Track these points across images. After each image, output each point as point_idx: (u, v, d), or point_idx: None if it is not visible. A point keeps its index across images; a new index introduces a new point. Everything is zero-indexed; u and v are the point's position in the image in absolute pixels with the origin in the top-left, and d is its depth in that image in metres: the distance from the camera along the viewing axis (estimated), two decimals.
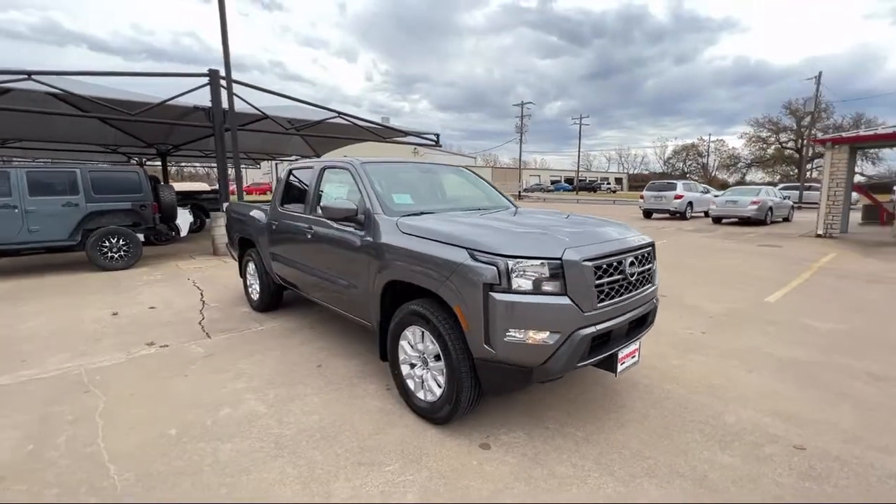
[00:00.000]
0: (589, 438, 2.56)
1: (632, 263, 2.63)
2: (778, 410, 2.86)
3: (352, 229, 3.31)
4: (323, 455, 2.41)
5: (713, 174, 67.51)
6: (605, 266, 2.45)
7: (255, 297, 5.17)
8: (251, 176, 45.00)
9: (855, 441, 2.52)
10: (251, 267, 5.18)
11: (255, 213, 4.96)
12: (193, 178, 52.89)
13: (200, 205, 13.75)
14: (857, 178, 23.20)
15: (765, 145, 52.43)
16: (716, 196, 17.54)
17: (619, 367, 2.58)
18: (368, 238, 3.11)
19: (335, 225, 3.51)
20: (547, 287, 2.28)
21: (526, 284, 2.27)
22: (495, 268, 2.27)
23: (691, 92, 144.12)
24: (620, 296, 2.54)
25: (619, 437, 2.57)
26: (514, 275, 2.26)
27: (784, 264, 8.09)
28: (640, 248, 2.76)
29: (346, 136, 12.78)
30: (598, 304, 2.39)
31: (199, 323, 4.80)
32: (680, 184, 18.82)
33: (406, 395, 2.88)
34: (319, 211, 3.79)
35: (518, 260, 2.28)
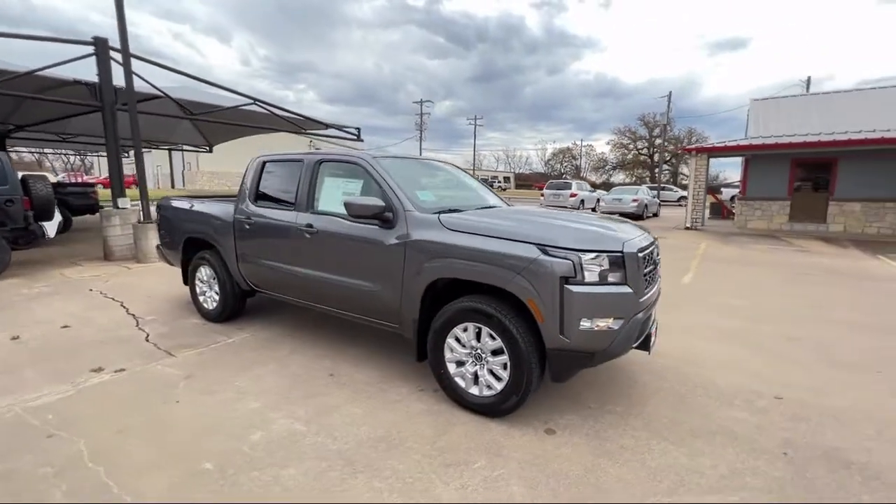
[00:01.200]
0: (629, 412, 2.86)
1: (658, 254, 2.99)
2: (749, 371, 3.51)
3: (376, 227, 3.15)
4: (403, 464, 2.31)
5: (584, 175, 76.77)
6: (645, 257, 2.75)
7: (212, 305, 4.53)
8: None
9: (808, 389, 3.24)
10: (204, 272, 4.53)
11: (214, 210, 4.35)
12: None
13: (65, 200, 11.33)
14: None
15: (626, 151, 61.10)
16: (604, 194, 20.03)
17: (651, 346, 2.93)
18: (400, 236, 3.00)
19: (347, 223, 3.30)
20: (612, 278, 2.49)
21: (595, 276, 2.45)
22: (570, 262, 2.42)
23: (562, 101, 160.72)
24: (653, 282, 2.88)
25: (652, 409, 2.92)
26: (586, 268, 2.43)
27: (676, 252, 9.66)
28: (655, 240, 3.15)
29: (258, 126, 11.63)
30: (643, 291, 2.69)
31: (147, 340, 4.06)
32: (574, 183, 21.08)
33: (456, 394, 2.86)
34: (322, 207, 3.53)
35: (589, 254, 2.45)
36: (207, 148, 17.37)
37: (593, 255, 2.46)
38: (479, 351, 2.76)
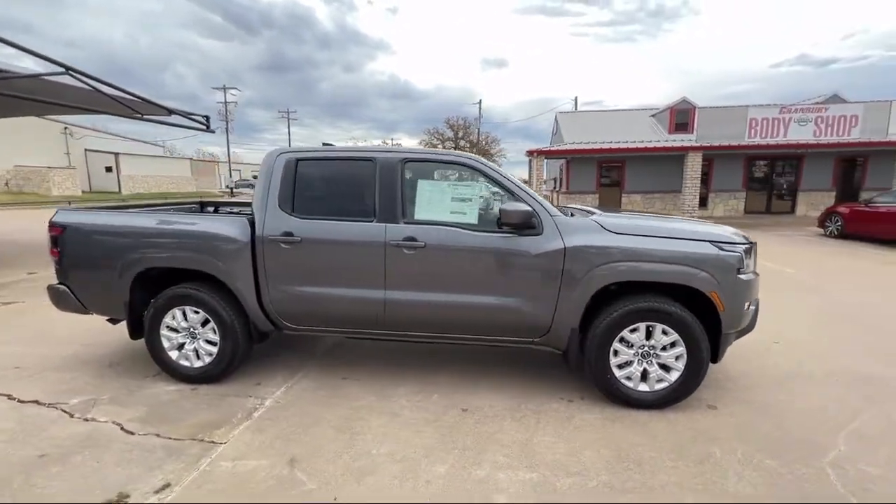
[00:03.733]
0: (752, 388, 3.37)
1: None
2: None
3: (511, 236, 2.85)
4: (668, 475, 2.25)
5: None
6: None
7: (199, 362, 3.21)
8: None
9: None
10: (181, 316, 3.17)
11: (211, 226, 3.09)
12: None
13: None
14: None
15: None
16: None
17: None
18: (554, 244, 2.81)
19: (470, 234, 2.89)
20: (752, 266, 2.94)
21: (748, 266, 2.86)
22: (738, 254, 2.75)
23: (360, 99, 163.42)
24: None
25: (764, 380, 3.54)
26: (744, 259, 2.81)
27: None
28: None
29: (69, 105, 8.19)
30: None
31: (126, 430, 2.64)
32: None
33: (622, 393, 2.87)
34: (423, 217, 2.97)
35: (745, 246, 2.84)
36: None
37: (746, 246, 2.85)
38: (647, 348, 2.85)
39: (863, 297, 5.82)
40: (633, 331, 2.82)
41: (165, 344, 3.22)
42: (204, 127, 10.57)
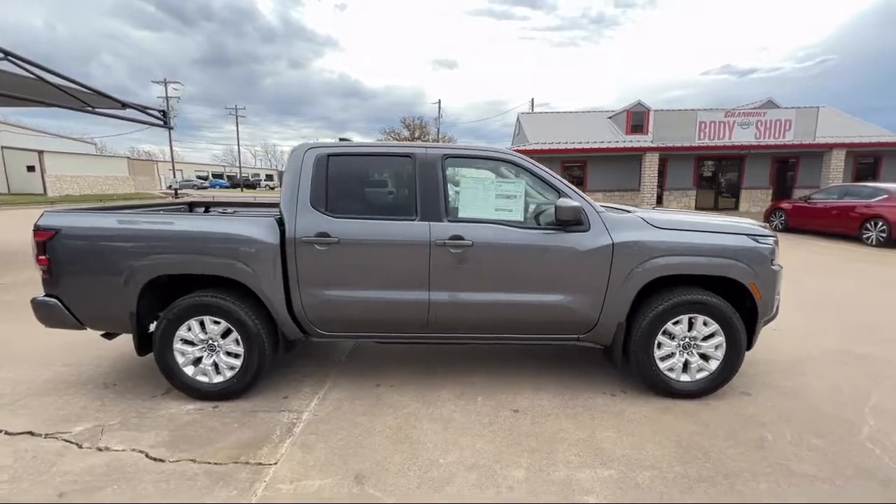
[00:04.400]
0: (772, 373, 3.54)
1: None
2: None
3: (558, 233, 2.84)
4: (745, 461, 2.32)
5: None
6: None
7: (220, 377, 2.94)
8: None
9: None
10: (198, 328, 2.87)
11: (234, 228, 2.83)
12: None
13: None
14: None
15: None
16: None
17: None
18: (602, 239, 2.82)
19: (518, 231, 2.85)
20: (778, 257, 3.10)
21: (777, 257, 3.01)
22: (772, 246, 2.90)
23: (308, 97, 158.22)
24: None
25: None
26: (776, 250, 2.96)
27: None
28: None
29: (8, 95, 7.19)
30: None
31: (153, 459, 2.35)
32: None
33: (666, 385, 2.92)
34: (468, 215, 2.88)
35: (775, 238, 2.99)
36: None
37: (775, 238, 3.00)
38: (689, 340, 2.93)
39: (832, 285, 6.36)
40: (675, 323, 2.89)
41: (179, 359, 2.90)
42: (161, 122, 9.81)
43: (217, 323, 2.87)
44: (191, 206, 4.43)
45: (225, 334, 2.90)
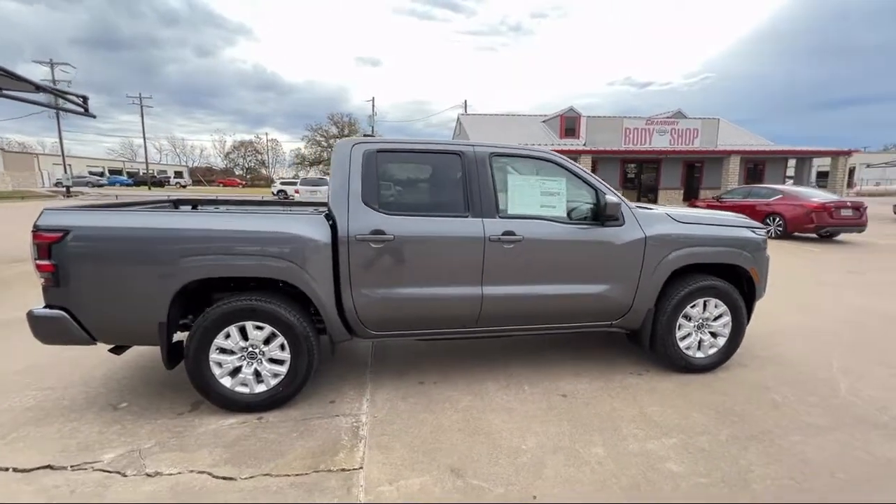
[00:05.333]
0: (754, 346, 4.08)
1: None
2: None
3: (596, 227, 3.06)
4: (773, 420, 2.70)
5: (273, 171, 74.58)
6: None
7: (263, 385, 2.75)
8: None
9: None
10: (238, 335, 2.67)
11: (280, 226, 2.66)
12: None
13: None
14: None
15: (320, 148, 63.36)
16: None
17: None
18: (635, 233, 3.10)
19: (562, 226, 3.03)
20: None
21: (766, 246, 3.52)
22: (764, 237, 3.39)
23: (218, 88, 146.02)
24: None
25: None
26: (767, 240, 3.46)
27: None
28: None
29: None
30: None
31: (217, 477, 2.17)
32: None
33: (685, 361, 3.28)
34: (516, 211, 3.00)
35: (765, 230, 3.49)
36: None
37: (766, 230, 3.51)
38: (702, 320, 3.32)
39: None
40: (693, 306, 3.26)
41: (216, 370, 2.67)
42: (81, 109, 8.63)
43: (260, 328, 2.68)
44: (175, 205, 4.01)
45: (267, 341, 2.72)
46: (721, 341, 3.36)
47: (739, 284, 3.37)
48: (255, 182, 67.13)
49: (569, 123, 20.34)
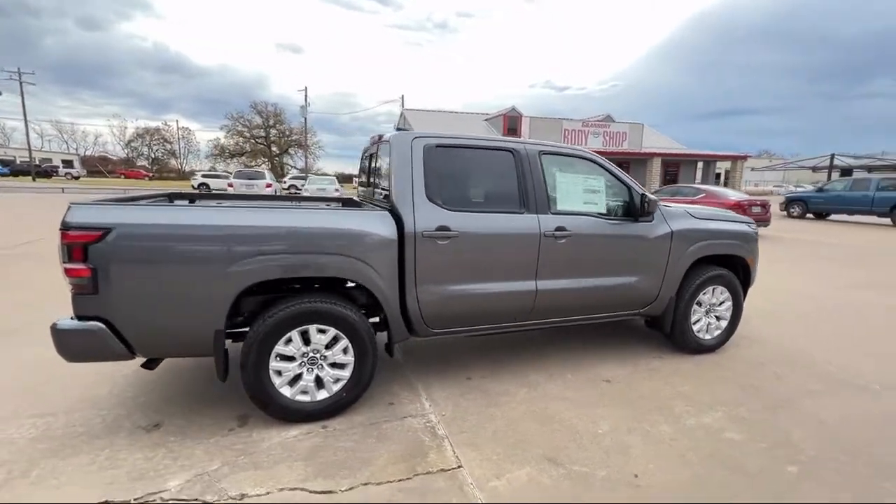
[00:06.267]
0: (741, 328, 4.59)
1: None
2: None
3: (629, 222, 3.29)
4: (783, 390, 3.12)
5: (184, 163, 67.89)
6: None
7: (321, 394, 2.59)
8: None
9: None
10: (300, 339, 2.49)
11: (366, 225, 2.54)
12: None
13: None
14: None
15: (243, 139, 58.87)
16: (309, 185, 19.89)
17: None
18: (663, 228, 3.38)
19: (603, 222, 3.22)
20: None
21: None
22: (756, 230, 3.87)
23: (112, 67, 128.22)
24: None
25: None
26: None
27: None
28: None
29: None
30: None
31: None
32: (267, 173, 19.62)
33: (697, 343, 3.66)
34: (564, 207, 3.13)
35: (755, 224, 3.97)
36: None
37: (755, 224, 3.99)
38: (709, 306, 3.71)
39: None
40: (704, 293, 3.63)
41: (276, 380, 2.47)
42: None
43: (322, 332, 2.53)
44: (170, 198, 3.58)
45: (329, 344, 2.57)
46: (723, 324, 3.78)
47: (737, 273, 3.82)
48: (163, 174, 60.65)
49: (511, 123, 21.09)
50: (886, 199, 15.14)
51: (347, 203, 4.33)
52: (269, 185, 18.88)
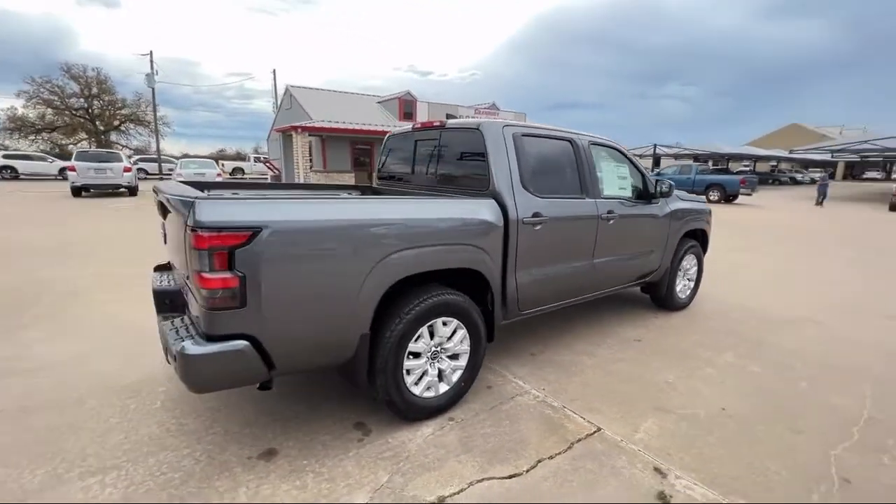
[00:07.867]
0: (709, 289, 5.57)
1: None
2: None
3: (644, 203, 3.84)
4: (774, 340, 4.04)
5: None
6: None
7: (443, 388, 2.55)
8: None
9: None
10: (421, 339, 2.43)
11: (487, 214, 2.55)
12: None
13: None
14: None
15: (53, 110, 46.67)
16: (182, 169, 16.93)
17: None
18: (665, 208, 4.02)
19: (633, 204, 3.70)
20: None
21: None
22: (709, 207, 4.82)
23: None
24: None
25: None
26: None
27: None
28: None
29: None
30: None
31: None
32: (123, 155, 16.19)
33: (678, 302, 4.47)
34: (609, 192, 3.52)
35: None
36: None
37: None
38: (684, 270, 4.54)
39: None
40: (682, 260, 4.43)
41: (408, 378, 2.37)
42: None
43: (445, 325, 2.49)
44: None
45: (448, 344, 2.54)
46: (691, 285, 4.67)
47: (700, 242, 4.73)
48: None
49: (407, 107, 21.04)
50: (703, 181, 19.52)
51: (365, 191, 4.09)
52: (127, 170, 15.63)
